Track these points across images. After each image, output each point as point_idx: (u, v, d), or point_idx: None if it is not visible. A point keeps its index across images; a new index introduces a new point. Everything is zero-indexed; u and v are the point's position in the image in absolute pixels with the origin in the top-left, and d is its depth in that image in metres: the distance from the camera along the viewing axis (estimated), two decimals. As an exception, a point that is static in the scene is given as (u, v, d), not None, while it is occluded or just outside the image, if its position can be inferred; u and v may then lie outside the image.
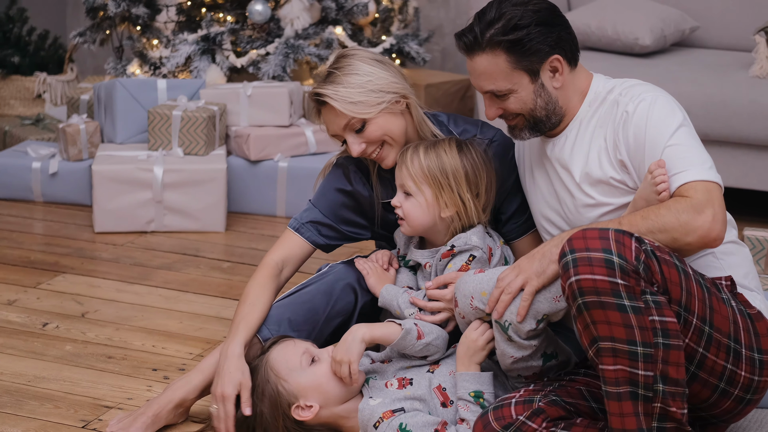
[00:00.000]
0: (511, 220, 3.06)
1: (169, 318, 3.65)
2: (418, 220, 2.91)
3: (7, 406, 3.05)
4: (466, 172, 2.88)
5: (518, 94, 2.79)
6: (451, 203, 2.89)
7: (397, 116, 2.94)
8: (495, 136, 3.04)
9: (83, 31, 5.26)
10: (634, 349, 2.45)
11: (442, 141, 2.92)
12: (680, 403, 2.49)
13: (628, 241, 2.48)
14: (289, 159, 4.65)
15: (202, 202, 4.44)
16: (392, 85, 2.93)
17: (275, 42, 4.94)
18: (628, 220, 2.62)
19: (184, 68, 4.97)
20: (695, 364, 2.57)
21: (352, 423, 2.79)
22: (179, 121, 4.50)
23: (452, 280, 2.87)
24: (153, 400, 2.94)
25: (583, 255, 2.46)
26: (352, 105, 2.88)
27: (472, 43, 2.77)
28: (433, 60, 6.05)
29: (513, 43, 2.74)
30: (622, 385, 2.47)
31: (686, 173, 2.64)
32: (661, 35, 4.76)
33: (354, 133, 2.93)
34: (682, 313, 2.53)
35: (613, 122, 2.76)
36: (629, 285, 2.45)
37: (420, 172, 2.87)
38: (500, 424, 2.64)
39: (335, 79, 2.91)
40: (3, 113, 5.69)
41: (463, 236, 2.90)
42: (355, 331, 2.77)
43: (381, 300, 2.96)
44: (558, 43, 2.78)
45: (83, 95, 5.07)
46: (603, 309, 2.45)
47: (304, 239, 3.05)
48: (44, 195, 4.72)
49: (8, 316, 3.64)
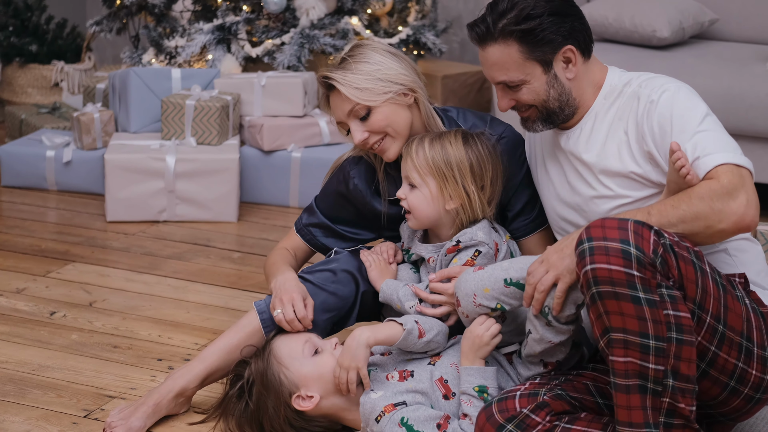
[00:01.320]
0: (520, 217, 3.03)
1: (177, 308, 3.64)
2: (423, 213, 2.88)
3: (10, 395, 3.04)
4: (470, 164, 2.85)
5: (531, 85, 2.75)
6: (455, 195, 2.86)
7: (403, 109, 2.92)
8: (504, 132, 3.01)
9: (100, 19, 5.26)
10: (646, 342, 2.42)
11: (448, 133, 2.89)
12: (689, 399, 2.46)
13: (647, 233, 2.44)
14: (303, 149, 4.63)
15: (214, 192, 4.43)
16: (401, 77, 2.91)
17: (290, 32, 4.92)
18: (658, 210, 2.57)
19: (199, 58, 4.96)
20: (707, 361, 2.54)
21: (354, 415, 2.77)
22: (192, 110, 4.49)
23: (456, 274, 2.84)
24: (154, 389, 2.92)
25: (600, 244, 2.43)
26: (358, 91, 2.88)
27: (484, 34, 2.74)
28: (452, 51, 6.02)
29: (525, 33, 2.71)
30: (632, 378, 2.44)
31: (718, 156, 2.58)
32: (679, 27, 4.71)
33: (358, 121, 2.91)
34: (696, 311, 2.49)
35: (635, 115, 2.72)
36: (645, 277, 2.42)
37: (424, 164, 2.85)
38: (503, 416, 2.61)
39: (346, 66, 2.91)
40: (20, 101, 5.69)
41: (469, 232, 2.88)
42: (359, 336, 2.73)
43: (382, 295, 2.94)
44: (571, 34, 2.75)
45: (99, 84, 5.06)
46: (617, 300, 2.42)
47: (304, 242, 3.10)
48: (58, 184, 4.72)
49: (16, 304, 3.63)
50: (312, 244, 3.09)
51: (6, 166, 4.75)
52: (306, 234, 3.09)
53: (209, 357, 2.95)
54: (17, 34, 5.73)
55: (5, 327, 3.46)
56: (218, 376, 2.96)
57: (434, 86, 5.41)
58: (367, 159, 3.05)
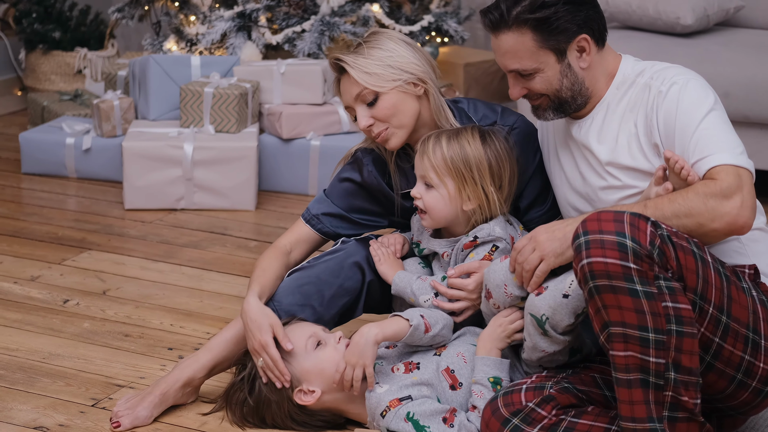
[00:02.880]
0: (533, 208, 3.00)
1: (190, 296, 3.63)
2: (440, 213, 2.84)
3: (19, 383, 3.04)
4: (489, 164, 2.81)
5: (544, 74, 2.72)
6: (474, 196, 2.81)
7: (412, 99, 2.90)
8: (516, 123, 2.98)
9: (122, 6, 5.25)
10: (646, 335, 2.38)
11: (465, 130, 2.85)
12: (693, 392, 2.42)
13: (643, 224, 2.41)
14: (322, 137, 4.61)
15: (232, 180, 4.41)
16: (412, 66, 2.89)
17: (311, 19, 4.89)
18: (654, 203, 2.55)
19: (220, 45, 4.94)
20: (711, 353, 2.50)
21: (358, 408, 2.74)
22: (211, 98, 4.47)
23: (475, 269, 2.81)
24: (161, 379, 2.91)
25: (596, 237, 2.40)
26: (367, 75, 2.86)
27: (497, 21, 2.71)
28: (476, 39, 5.98)
29: (540, 22, 2.67)
30: (633, 372, 2.40)
31: (716, 156, 2.56)
32: (703, 14, 4.65)
33: (365, 106, 2.90)
34: (698, 302, 2.45)
35: (645, 106, 2.69)
36: (642, 270, 2.38)
37: (443, 164, 2.80)
38: (509, 410, 2.58)
39: (359, 50, 2.91)
40: (43, 88, 5.70)
41: (486, 227, 2.84)
42: (367, 333, 2.69)
43: (394, 287, 2.90)
44: (586, 23, 2.71)
45: (120, 71, 5.06)
46: (614, 293, 2.39)
47: (314, 231, 3.04)
48: (78, 171, 4.72)
49: (30, 292, 3.63)
50: (322, 233, 3.05)
51: (26, 153, 4.75)
52: (316, 223, 3.04)
53: (217, 347, 2.93)
54: (41, 20, 5.73)
55: (18, 315, 3.46)
56: (226, 366, 2.94)
57: (456, 74, 5.37)
58: (378, 151, 3.03)
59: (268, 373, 2.76)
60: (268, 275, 2.93)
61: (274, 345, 2.76)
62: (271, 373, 2.76)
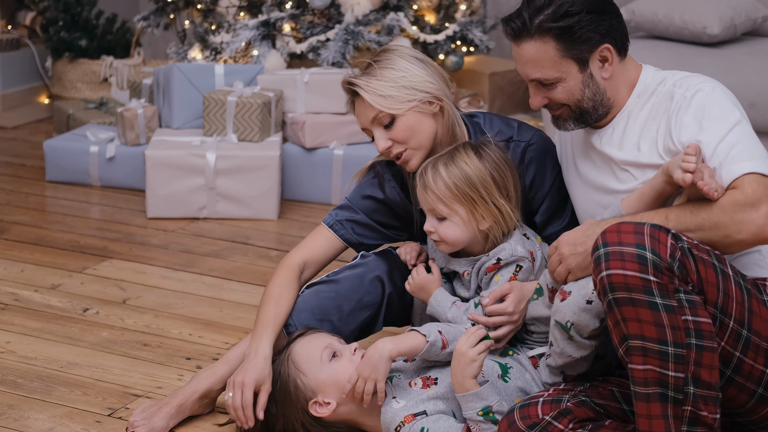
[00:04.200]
0: (551, 224, 2.96)
1: (210, 306, 3.62)
2: (458, 240, 2.79)
3: (36, 392, 3.03)
4: (493, 178, 2.76)
5: (566, 84, 2.69)
6: (487, 214, 2.76)
7: (428, 118, 2.86)
8: (533, 138, 2.94)
9: (147, 15, 5.27)
10: (665, 348, 2.35)
11: (457, 151, 2.79)
12: (712, 407, 2.39)
13: (663, 237, 2.37)
14: (345, 147, 4.60)
15: (254, 189, 4.40)
16: (426, 84, 2.84)
17: (335, 28, 4.89)
18: (676, 215, 2.51)
19: (244, 53, 4.94)
20: (731, 368, 2.46)
21: (373, 421, 2.72)
22: (234, 106, 4.47)
23: (507, 292, 2.77)
24: (178, 390, 2.90)
25: (615, 249, 2.37)
26: (382, 98, 2.81)
27: (519, 29, 2.68)
28: (502, 48, 5.95)
29: (563, 31, 2.65)
30: (651, 386, 2.37)
31: (742, 165, 2.51)
32: (730, 24, 4.61)
33: (382, 128, 2.85)
34: (718, 316, 2.42)
35: (667, 113, 2.66)
36: (662, 282, 2.35)
37: (449, 192, 2.74)
38: (525, 423, 2.56)
39: (371, 71, 2.85)
40: (70, 96, 5.71)
41: (508, 248, 2.79)
42: (381, 348, 2.65)
43: (430, 308, 2.85)
44: (609, 32, 2.68)
45: (146, 80, 5.06)
46: (634, 306, 2.36)
47: (336, 236, 2.98)
48: (101, 179, 4.73)
49: (50, 300, 3.63)
50: (344, 239, 2.98)
51: (51, 161, 4.76)
52: (339, 228, 2.97)
53: (235, 359, 2.91)
54: (67, 29, 5.75)
55: (38, 323, 3.46)
56: (243, 378, 2.92)
57: (482, 83, 5.35)
58: (397, 165, 2.99)
59: (233, 411, 2.74)
60: (282, 313, 2.86)
61: (251, 390, 2.72)
62: (236, 413, 2.74)
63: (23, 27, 6.03)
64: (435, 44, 5.10)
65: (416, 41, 5.04)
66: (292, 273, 2.93)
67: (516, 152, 2.91)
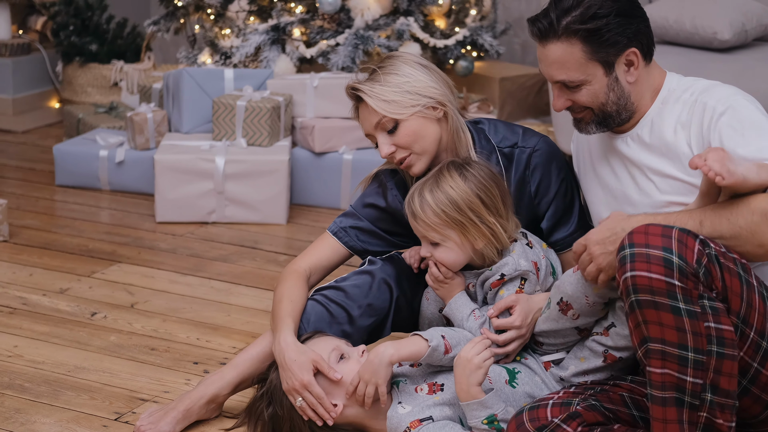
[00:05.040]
0: (557, 230, 2.95)
1: (218, 311, 3.61)
2: (455, 263, 2.79)
3: (43, 396, 3.03)
4: (480, 199, 2.74)
5: (591, 87, 2.67)
6: (479, 235, 2.75)
7: (432, 123, 2.85)
8: (537, 144, 2.93)
9: (157, 19, 5.27)
10: (685, 354, 2.34)
11: (441, 174, 2.77)
12: (729, 415, 2.38)
13: (691, 242, 2.36)
14: (354, 151, 4.59)
15: (263, 194, 4.40)
16: (430, 90, 2.84)
17: (345, 33, 4.88)
18: (711, 222, 2.47)
19: (254, 58, 4.94)
20: (748, 378, 2.45)
21: (379, 425, 2.71)
22: (243, 111, 4.47)
23: (513, 304, 2.75)
24: (185, 394, 2.90)
25: (642, 251, 2.36)
26: (385, 103, 2.81)
27: (546, 30, 2.65)
28: (512, 53, 5.94)
29: (591, 33, 2.62)
30: (668, 390, 2.36)
31: None
32: (741, 30, 4.59)
33: (385, 134, 2.85)
34: (740, 326, 2.40)
35: (700, 125, 2.63)
36: (686, 288, 2.33)
37: (437, 220, 2.73)
38: (534, 425, 2.54)
39: (375, 77, 2.86)
40: (80, 101, 5.72)
41: (511, 262, 2.78)
42: (382, 352, 2.65)
43: (447, 309, 2.84)
44: (636, 36, 2.66)
45: (155, 84, 5.06)
46: (656, 309, 2.35)
47: (341, 243, 2.99)
48: (111, 183, 4.73)
49: (58, 304, 3.63)
50: (349, 246, 2.99)
51: (60, 165, 4.76)
52: (343, 236, 2.99)
53: (242, 364, 2.91)
54: (78, 33, 5.76)
55: (45, 327, 3.45)
56: (250, 383, 2.92)
57: (492, 88, 5.33)
58: (401, 173, 2.99)
59: (311, 412, 2.71)
60: (298, 308, 2.88)
61: (316, 383, 2.71)
62: (314, 412, 2.71)
63: (34, 32, 6.04)
64: (445, 49, 5.09)
65: (426, 46, 5.04)
66: (300, 276, 2.94)
67: (521, 158, 2.91)
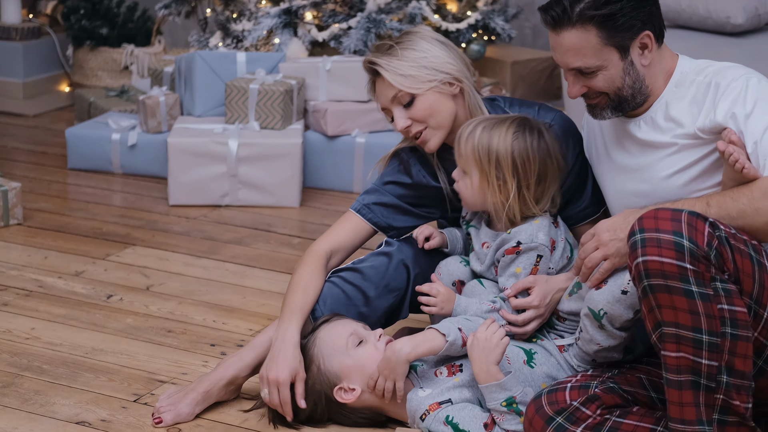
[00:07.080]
0: (572, 204, 2.96)
1: (233, 293, 3.62)
2: (468, 200, 2.83)
3: (62, 378, 3.04)
4: (513, 160, 2.75)
5: (607, 72, 2.66)
6: (494, 190, 2.77)
7: (448, 99, 2.86)
8: (553, 120, 2.94)
9: (168, 3, 5.26)
10: (699, 337, 2.35)
11: (504, 121, 2.79)
12: (745, 396, 2.38)
13: (701, 225, 2.36)
14: (367, 135, 4.59)
15: (276, 177, 4.40)
16: (446, 65, 2.85)
17: (357, 16, 4.87)
18: (717, 203, 2.50)
19: (266, 41, 4.94)
20: (764, 358, 2.46)
21: (399, 409, 2.71)
22: (256, 94, 4.47)
23: (531, 285, 2.78)
24: (204, 376, 2.90)
25: (652, 236, 2.36)
26: (402, 78, 2.83)
27: (560, 17, 2.64)
28: (524, 37, 5.93)
29: (605, 18, 2.62)
30: (684, 374, 2.37)
31: None
32: (755, 14, 4.58)
33: (401, 108, 2.87)
34: (753, 306, 2.41)
35: (713, 103, 2.63)
36: (698, 270, 2.34)
37: (470, 154, 2.77)
38: (553, 408, 2.55)
39: (392, 52, 2.87)
40: (91, 84, 5.71)
41: (530, 231, 2.79)
42: (399, 350, 2.64)
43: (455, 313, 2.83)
44: (649, 19, 2.66)
45: (167, 68, 5.06)
46: (669, 293, 2.35)
47: (365, 220, 2.99)
48: (123, 167, 4.73)
49: (74, 287, 3.63)
50: (373, 222, 2.99)
51: (72, 149, 4.76)
52: (367, 212, 2.98)
53: (261, 345, 2.91)
54: (88, 17, 5.75)
55: (62, 310, 3.46)
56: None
57: (503, 72, 5.33)
58: (420, 150, 2.99)
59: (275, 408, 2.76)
60: (309, 300, 2.87)
61: (288, 388, 2.73)
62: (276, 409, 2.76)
63: (44, 15, 6.04)
64: (457, 33, 5.09)
65: (438, 29, 5.03)
66: (319, 261, 2.93)
67: None
